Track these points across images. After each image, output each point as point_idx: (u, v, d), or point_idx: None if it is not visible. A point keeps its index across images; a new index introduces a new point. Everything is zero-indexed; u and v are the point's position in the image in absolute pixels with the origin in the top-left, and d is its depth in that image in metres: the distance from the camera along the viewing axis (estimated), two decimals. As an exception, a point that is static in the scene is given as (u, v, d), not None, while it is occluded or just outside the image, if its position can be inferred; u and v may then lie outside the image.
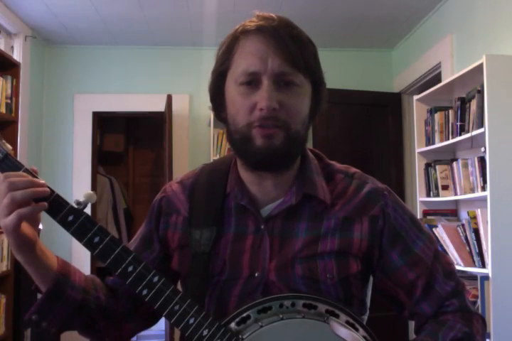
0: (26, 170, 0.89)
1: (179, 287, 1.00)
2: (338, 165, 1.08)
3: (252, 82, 0.93)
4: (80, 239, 0.90)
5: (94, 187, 4.42)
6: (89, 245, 0.90)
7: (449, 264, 1.04)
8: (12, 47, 3.82)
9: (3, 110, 2.97)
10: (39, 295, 0.95)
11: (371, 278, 1.09)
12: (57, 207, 0.89)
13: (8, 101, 3.03)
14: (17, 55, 3.78)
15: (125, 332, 1.05)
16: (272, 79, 0.92)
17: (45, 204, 0.87)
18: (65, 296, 0.94)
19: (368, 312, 1.12)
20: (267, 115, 0.92)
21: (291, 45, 0.93)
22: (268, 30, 0.93)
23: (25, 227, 0.88)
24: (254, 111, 0.93)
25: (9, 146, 0.91)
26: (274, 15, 0.96)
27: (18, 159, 0.91)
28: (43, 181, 0.88)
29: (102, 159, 5.35)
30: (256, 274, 0.97)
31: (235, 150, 1.01)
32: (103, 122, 5.34)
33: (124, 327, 1.05)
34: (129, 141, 5.79)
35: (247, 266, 0.97)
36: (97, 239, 0.89)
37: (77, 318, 0.97)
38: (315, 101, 1.00)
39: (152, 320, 1.09)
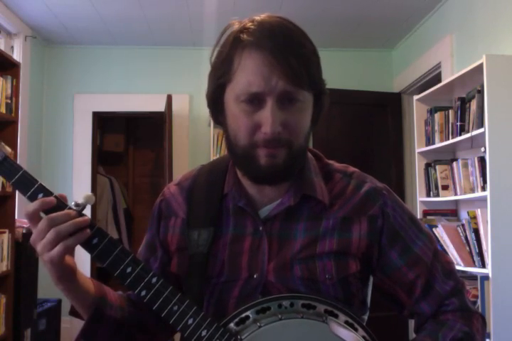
0: (55, 198, 0.89)
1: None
2: (336, 165, 1.08)
3: (255, 100, 0.91)
4: (86, 238, 0.90)
5: (94, 187, 4.42)
6: (87, 246, 0.90)
7: (449, 263, 1.04)
8: (12, 47, 3.83)
9: (3, 110, 2.96)
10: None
11: (371, 278, 1.08)
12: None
13: (8, 101, 3.03)
14: (17, 55, 3.78)
15: None
16: (275, 98, 0.91)
17: (88, 231, 0.88)
18: (105, 317, 0.96)
19: (368, 312, 1.12)
20: (271, 138, 0.91)
21: (294, 64, 0.90)
22: (270, 48, 0.90)
23: (66, 257, 0.89)
24: (258, 133, 0.92)
25: (8, 149, 0.91)
26: (275, 25, 0.92)
27: (18, 159, 0.92)
28: (75, 212, 0.88)
29: (102, 159, 5.35)
30: (255, 276, 0.96)
31: (235, 163, 1.00)
32: (103, 122, 5.35)
33: (157, 338, 1.07)
34: (129, 141, 5.79)
35: (245, 267, 0.97)
36: (95, 241, 0.89)
37: (118, 336, 0.99)
38: (317, 110, 0.99)
39: None
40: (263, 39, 0.90)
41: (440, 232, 2.89)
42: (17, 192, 3.11)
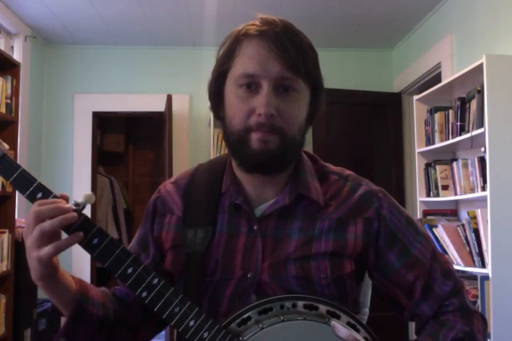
0: (55, 197, 0.88)
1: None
2: (332, 167, 1.08)
3: (252, 85, 0.94)
4: (78, 241, 0.89)
5: (94, 188, 4.42)
6: (88, 247, 0.89)
7: (447, 263, 1.04)
8: (12, 47, 3.82)
9: (3, 110, 2.96)
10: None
11: (367, 278, 1.08)
12: None
13: (8, 101, 3.03)
14: (17, 55, 3.78)
15: (140, 339, 1.07)
16: (271, 83, 0.93)
17: (81, 234, 0.87)
18: (87, 314, 0.94)
19: (361, 310, 1.12)
20: (264, 121, 0.92)
21: (292, 51, 0.93)
22: (270, 35, 0.94)
23: None
24: (252, 116, 0.93)
25: (6, 145, 0.90)
26: (277, 20, 0.96)
27: (18, 159, 0.91)
28: (68, 205, 0.87)
29: (102, 159, 5.35)
30: (249, 275, 0.96)
31: (230, 151, 1.01)
32: (103, 122, 5.35)
33: (140, 335, 1.06)
34: (129, 141, 5.79)
35: (239, 266, 0.97)
36: (96, 241, 0.89)
37: (100, 333, 0.98)
38: (313, 106, 1.01)
39: (164, 325, 1.10)
40: (264, 29, 0.94)
41: (440, 232, 2.89)
42: (17, 192, 3.08)
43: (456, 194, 3.01)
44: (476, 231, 2.62)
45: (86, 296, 0.96)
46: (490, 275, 2.41)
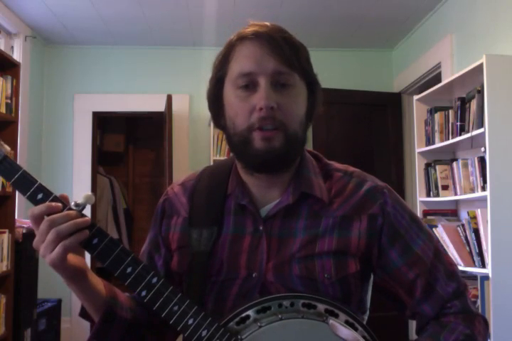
0: (55, 198, 0.89)
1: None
2: (336, 165, 1.09)
3: (250, 85, 0.96)
4: (83, 238, 0.90)
5: (94, 187, 4.42)
6: (88, 246, 0.90)
7: (451, 264, 1.03)
8: (12, 47, 3.83)
9: (3, 110, 2.96)
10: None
11: (372, 277, 1.08)
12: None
13: (8, 101, 3.02)
14: (17, 55, 3.78)
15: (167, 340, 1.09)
16: (268, 79, 0.95)
17: (87, 231, 0.88)
18: (117, 318, 0.97)
19: (368, 311, 1.12)
20: (266, 115, 0.93)
21: (285, 47, 0.96)
22: (263, 35, 0.96)
23: (72, 258, 0.89)
24: (254, 113, 0.95)
25: (7, 148, 0.91)
26: (267, 23, 1.00)
27: (18, 159, 0.92)
28: (75, 212, 0.89)
29: (102, 159, 5.35)
30: (253, 275, 0.97)
31: (234, 154, 1.02)
32: (103, 122, 5.35)
33: (166, 337, 1.08)
34: (129, 141, 5.79)
35: (244, 266, 0.98)
36: (95, 241, 0.89)
37: (129, 336, 1.00)
38: (311, 102, 1.02)
39: None
40: (256, 29, 0.97)
41: (440, 232, 2.89)
42: (17, 192, 3.10)
43: (456, 194, 3.01)
44: (476, 231, 2.63)
45: (115, 300, 0.98)
46: (490, 275, 2.41)
